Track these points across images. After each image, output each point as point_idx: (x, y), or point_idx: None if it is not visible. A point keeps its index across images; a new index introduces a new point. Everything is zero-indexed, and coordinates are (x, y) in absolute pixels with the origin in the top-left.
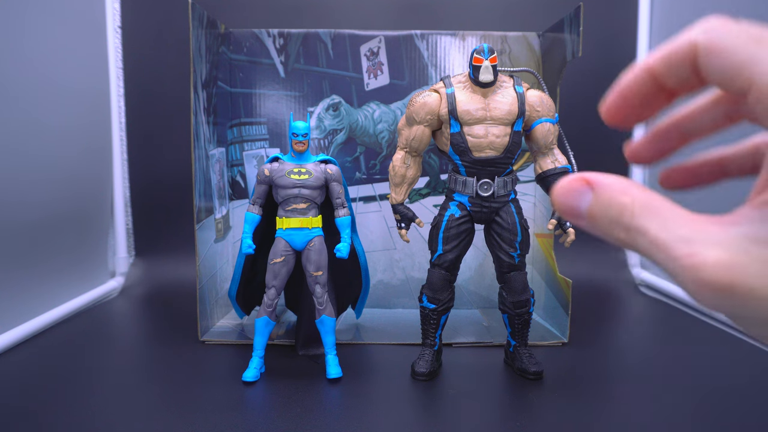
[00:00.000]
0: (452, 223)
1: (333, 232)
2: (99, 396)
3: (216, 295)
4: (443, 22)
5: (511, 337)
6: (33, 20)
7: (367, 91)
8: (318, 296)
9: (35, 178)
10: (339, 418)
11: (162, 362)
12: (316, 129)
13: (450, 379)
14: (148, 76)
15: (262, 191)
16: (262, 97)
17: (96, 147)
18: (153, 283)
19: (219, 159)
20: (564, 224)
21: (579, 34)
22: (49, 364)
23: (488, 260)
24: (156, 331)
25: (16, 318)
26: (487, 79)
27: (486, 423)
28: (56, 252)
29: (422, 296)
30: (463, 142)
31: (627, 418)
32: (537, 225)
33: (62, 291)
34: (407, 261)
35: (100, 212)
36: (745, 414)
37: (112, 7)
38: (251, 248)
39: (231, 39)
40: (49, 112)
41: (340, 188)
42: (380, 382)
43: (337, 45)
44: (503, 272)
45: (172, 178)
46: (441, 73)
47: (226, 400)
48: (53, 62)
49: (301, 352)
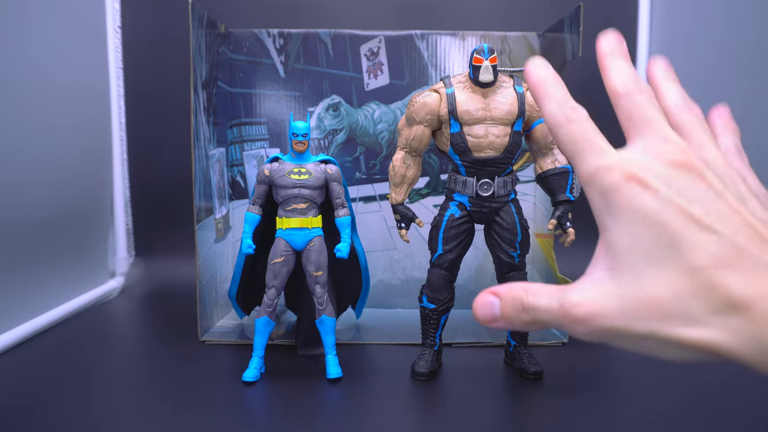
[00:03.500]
0: (452, 223)
1: (333, 232)
2: (99, 396)
3: (216, 295)
4: (443, 22)
5: (511, 337)
6: (33, 20)
7: (367, 91)
8: (318, 296)
9: (35, 178)
10: (339, 418)
11: (162, 362)
12: (316, 129)
13: (450, 379)
14: (148, 76)
15: (262, 191)
16: (262, 97)
17: (96, 147)
18: (153, 283)
19: (219, 159)
20: (564, 224)
21: (579, 34)
22: (49, 364)
23: (488, 260)
24: (156, 331)
25: (16, 318)
26: (487, 79)
27: (486, 423)
28: (56, 252)
29: (422, 296)
30: (463, 142)
31: (627, 418)
32: (537, 225)
33: (62, 291)
34: (407, 261)
35: (100, 212)
36: (745, 414)
37: (112, 7)
38: (251, 248)
39: (231, 39)
40: (49, 112)
41: (340, 188)
42: (380, 382)
43: (337, 45)
44: (503, 272)
45: (172, 178)
46: (441, 73)
47: (226, 400)
48: (53, 62)
49: (301, 352)
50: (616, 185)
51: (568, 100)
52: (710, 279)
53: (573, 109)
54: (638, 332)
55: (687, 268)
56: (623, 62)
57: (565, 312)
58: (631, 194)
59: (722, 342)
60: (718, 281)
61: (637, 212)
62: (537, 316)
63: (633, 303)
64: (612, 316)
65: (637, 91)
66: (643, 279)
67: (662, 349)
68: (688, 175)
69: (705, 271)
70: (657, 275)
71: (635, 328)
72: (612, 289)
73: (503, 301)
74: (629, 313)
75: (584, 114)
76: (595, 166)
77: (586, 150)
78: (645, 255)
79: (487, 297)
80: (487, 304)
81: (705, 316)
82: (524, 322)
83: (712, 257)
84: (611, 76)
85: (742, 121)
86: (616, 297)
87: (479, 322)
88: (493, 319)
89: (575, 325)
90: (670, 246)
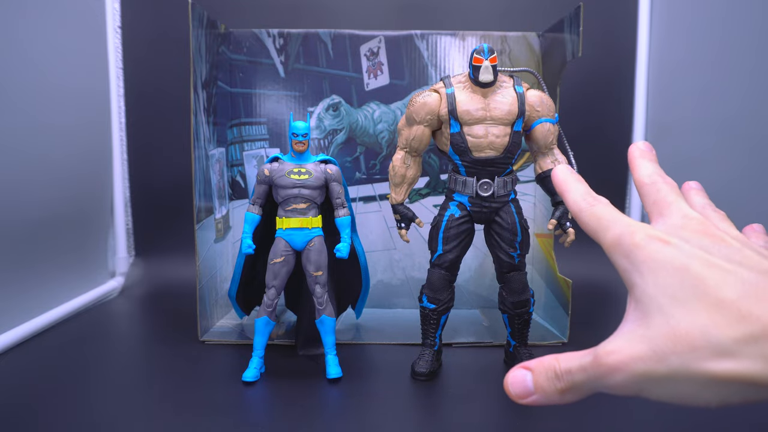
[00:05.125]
0: (452, 223)
1: (333, 232)
2: (99, 396)
3: (216, 295)
4: (443, 22)
5: (511, 337)
6: (33, 20)
7: (367, 91)
8: (318, 296)
9: (35, 178)
10: (339, 418)
11: (162, 362)
12: (316, 129)
13: (450, 379)
14: (148, 76)
15: (262, 191)
16: (262, 97)
17: (96, 147)
18: (153, 283)
19: (219, 159)
20: (564, 224)
21: (579, 34)
22: (49, 364)
23: (488, 260)
24: (156, 331)
25: (16, 318)
26: (487, 79)
27: (486, 423)
28: (56, 252)
29: (422, 296)
30: (462, 142)
31: (627, 417)
32: (537, 225)
33: (62, 291)
34: (407, 261)
35: (100, 212)
36: (745, 413)
37: (112, 7)
38: (251, 248)
39: (231, 39)
40: (49, 112)
41: (340, 188)
42: (380, 382)
43: (337, 45)
44: (503, 272)
45: (172, 178)
46: (441, 73)
47: (226, 400)
48: (53, 62)
49: (301, 352)
50: (640, 244)
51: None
52: (739, 310)
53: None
54: (669, 371)
55: (714, 303)
56: (652, 163)
57: (599, 363)
58: (655, 249)
59: (758, 371)
60: (748, 311)
61: (661, 262)
62: (571, 380)
63: (662, 341)
64: (644, 358)
65: (662, 181)
66: (670, 318)
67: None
68: (708, 238)
69: (734, 303)
70: (684, 313)
71: (666, 366)
72: (642, 334)
73: (535, 374)
74: (659, 351)
75: (606, 201)
76: (619, 231)
77: (611, 222)
78: (671, 298)
79: (519, 372)
80: (519, 379)
81: (736, 346)
82: (559, 390)
83: (738, 290)
84: (639, 169)
85: (742, 120)
86: (646, 339)
87: (513, 399)
88: (528, 394)
89: (611, 374)
90: (695, 286)
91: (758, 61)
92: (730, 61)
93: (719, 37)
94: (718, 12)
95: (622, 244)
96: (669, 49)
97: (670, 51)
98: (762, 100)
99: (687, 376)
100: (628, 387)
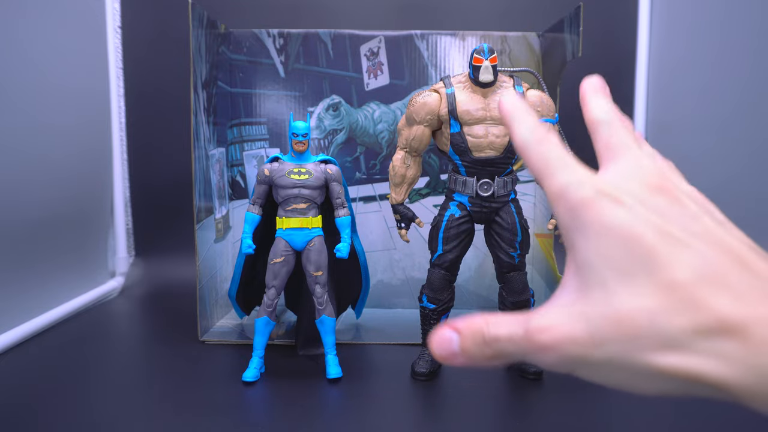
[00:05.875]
0: (452, 223)
1: (333, 232)
2: (99, 396)
3: (216, 295)
4: (443, 22)
5: None
6: (33, 20)
7: (367, 91)
8: (318, 296)
9: (35, 178)
10: (339, 418)
11: (162, 362)
12: (316, 129)
13: (450, 379)
14: (148, 76)
15: (262, 191)
16: (262, 97)
17: (96, 147)
18: (153, 283)
19: (219, 159)
20: None
21: (579, 34)
22: (49, 364)
23: (488, 260)
24: (156, 331)
25: (16, 318)
26: (487, 79)
27: (486, 423)
28: (56, 252)
29: (422, 296)
30: (462, 142)
31: (627, 417)
32: (537, 225)
33: (62, 291)
34: (407, 261)
35: (100, 212)
36: (746, 412)
37: (112, 7)
38: (251, 248)
39: (231, 39)
40: (49, 112)
41: (340, 188)
42: (380, 382)
43: (337, 45)
44: (503, 272)
45: (172, 178)
46: (441, 73)
47: (226, 400)
48: (53, 62)
49: (301, 352)
50: (587, 200)
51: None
52: (693, 296)
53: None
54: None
55: (665, 283)
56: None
57: (530, 339)
58: (603, 209)
59: (711, 371)
60: (702, 299)
61: (609, 227)
62: (500, 348)
63: (602, 323)
64: (579, 341)
65: (618, 121)
66: (613, 296)
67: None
68: (663, 197)
69: (686, 286)
70: (629, 291)
71: (604, 353)
72: (580, 311)
73: (463, 336)
74: (597, 336)
75: (555, 138)
76: (565, 181)
77: (557, 167)
78: (616, 271)
79: (446, 332)
80: (445, 340)
81: (685, 338)
82: (487, 357)
83: (694, 272)
84: (593, 107)
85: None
86: (584, 319)
87: (437, 359)
88: (452, 356)
89: (542, 353)
90: (645, 261)
91: (758, 60)
92: (730, 60)
93: (719, 36)
94: (718, 12)
95: (566, 197)
96: (669, 49)
97: (670, 51)
98: (761, 100)
99: (626, 366)
100: (559, 366)
